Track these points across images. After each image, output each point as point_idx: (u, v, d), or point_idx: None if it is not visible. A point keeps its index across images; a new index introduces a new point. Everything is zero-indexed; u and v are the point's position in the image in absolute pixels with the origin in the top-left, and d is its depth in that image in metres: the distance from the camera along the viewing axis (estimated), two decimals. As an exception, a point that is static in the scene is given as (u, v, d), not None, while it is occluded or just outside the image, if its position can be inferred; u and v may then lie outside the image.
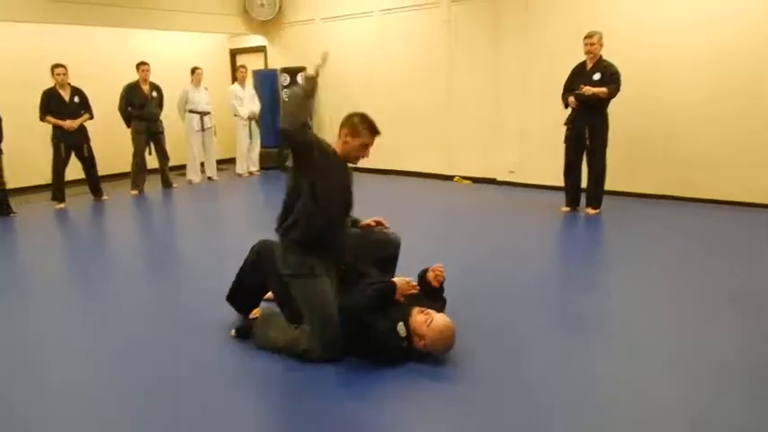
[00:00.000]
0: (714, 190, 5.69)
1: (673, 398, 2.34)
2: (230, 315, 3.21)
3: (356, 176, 3.15)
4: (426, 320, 2.60)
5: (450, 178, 7.59)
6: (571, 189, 5.62)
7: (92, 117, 6.78)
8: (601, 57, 5.27)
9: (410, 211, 5.86)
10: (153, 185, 7.67)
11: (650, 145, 5.97)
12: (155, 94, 7.40)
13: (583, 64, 5.37)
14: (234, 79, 8.87)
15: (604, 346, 2.88)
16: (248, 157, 8.66)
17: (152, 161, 7.61)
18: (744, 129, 5.47)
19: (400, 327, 2.61)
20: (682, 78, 5.71)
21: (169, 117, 7.78)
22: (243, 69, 8.43)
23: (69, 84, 6.62)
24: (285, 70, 8.68)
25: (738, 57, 5.40)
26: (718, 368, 2.56)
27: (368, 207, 3.60)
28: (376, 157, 4.00)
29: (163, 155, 7.61)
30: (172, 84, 7.91)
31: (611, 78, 5.14)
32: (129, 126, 7.35)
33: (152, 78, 7.41)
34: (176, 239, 5.65)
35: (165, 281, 4.15)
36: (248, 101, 8.42)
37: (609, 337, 2.96)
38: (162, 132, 7.51)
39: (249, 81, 8.76)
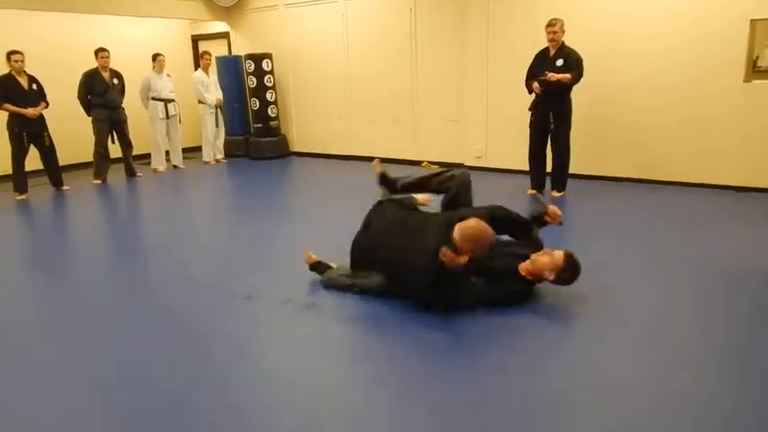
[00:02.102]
0: (672, 172, 5.93)
1: (644, 374, 2.49)
2: (197, 303, 3.22)
3: (324, 163, 3.19)
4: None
5: (418, 163, 7.67)
6: (536, 173, 5.77)
7: (47, 105, 6.59)
8: (563, 43, 5.40)
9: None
10: (116, 175, 7.52)
11: (611, 129, 6.17)
12: (116, 81, 7.23)
13: (546, 50, 5.49)
14: (197, 66, 8.72)
15: (585, 323, 3.02)
16: (214, 144, 8.56)
17: (115, 150, 7.45)
18: (699, 114, 5.70)
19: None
20: (639, 65, 5.89)
21: (131, 105, 7.62)
22: (207, 56, 8.30)
23: (25, 71, 6.41)
24: (250, 57, 8.58)
25: (693, 46, 5.60)
26: (695, 339, 2.73)
27: (337, 193, 3.64)
28: (346, 144, 4.06)
29: (126, 143, 7.46)
30: (133, 71, 7.74)
31: (574, 64, 5.28)
32: (89, 114, 7.17)
33: (111, 65, 7.23)
34: (141, 229, 5.57)
35: (131, 271, 4.11)
36: (213, 88, 8.31)
37: (591, 316, 3.10)
38: (124, 120, 7.35)
39: (213, 68, 8.63)
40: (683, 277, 3.51)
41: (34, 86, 6.46)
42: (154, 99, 7.77)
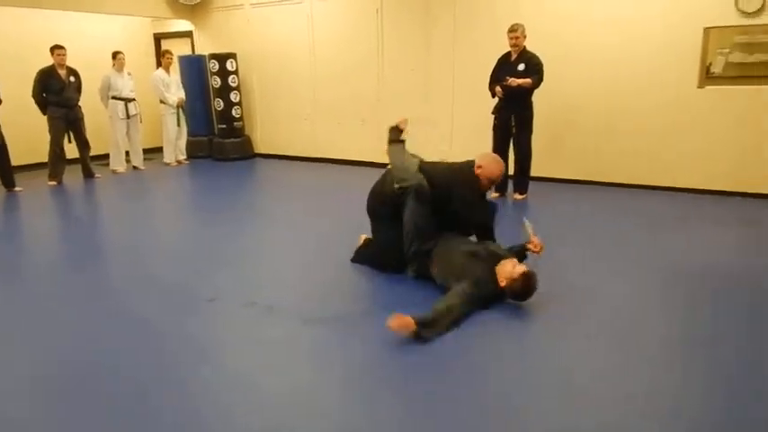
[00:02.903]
0: (629, 175, 6.10)
1: (613, 368, 2.55)
2: (150, 311, 3.16)
3: (289, 165, 3.17)
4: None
5: (384, 166, 7.68)
6: (499, 176, 5.84)
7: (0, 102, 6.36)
8: (524, 48, 5.50)
9: (341, 199, 5.91)
10: (73, 176, 7.29)
11: (572, 133, 6.31)
12: (72, 79, 7.02)
13: (507, 55, 5.58)
14: (159, 65, 8.54)
15: (547, 320, 3.08)
16: (176, 145, 8.40)
17: (72, 150, 7.23)
18: (655, 119, 5.88)
19: None
20: (598, 72, 6.04)
21: (90, 104, 7.42)
22: (169, 55, 8.13)
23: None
24: (214, 56, 8.46)
25: (650, 53, 5.78)
26: (655, 337, 2.81)
27: (301, 195, 3.64)
28: (312, 145, 4.06)
29: (83, 143, 7.25)
30: (92, 68, 7.55)
31: (535, 69, 5.38)
32: (44, 113, 6.94)
33: (69, 62, 7.03)
34: (99, 232, 5.41)
35: (89, 275, 3.99)
36: (175, 87, 8.16)
37: (553, 315, 3.15)
38: (81, 119, 7.15)
39: (176, 67, 8.47)
40: (644, 277, 3.62)
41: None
42: (114, 98, 7.58)
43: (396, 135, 3.96)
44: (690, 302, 3.24)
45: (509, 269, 3.08)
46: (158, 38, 9.68)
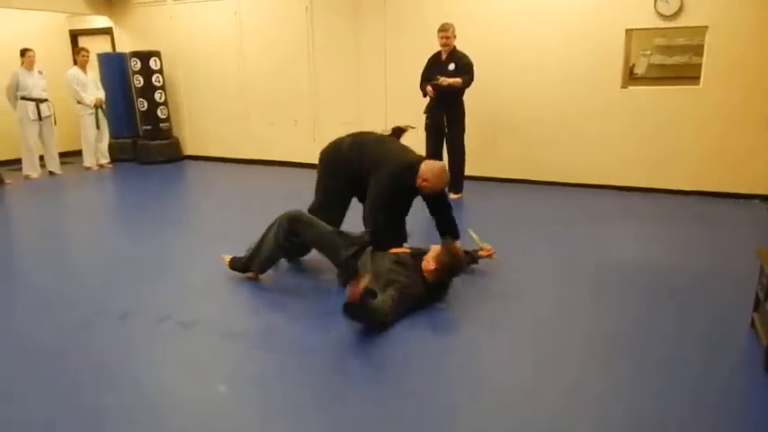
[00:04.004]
0: (556, 173, 6.21)
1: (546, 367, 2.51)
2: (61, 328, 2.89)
3: (220, 167, 2.98)
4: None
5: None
6: (433, 175, 5.80)
7: None
8: (455, 48, 5.47)
9: (270, 205, 5.70)
10: (-21, 183, 6.72)
11: (502, 133, 6.36)
12: (-25, 78, 6.47)
13: (438, 54, 5.54)
14: (75, 63, 8.02)
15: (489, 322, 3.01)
16: (97, 148, 7.91)
17: (-23, 155, 6.68)
18: (580, 120, 6.00)
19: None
20: (525, 71, 6.11)
21: (-4, 104, 6.88)
22: (84, 53, 7.65)
23: None
24: (135, 54, 8.02)
25: (575, 54, 5.89)
26: (581, 333, 2.79)
27: (231, 200, 3.44)
28: (244, 146, 3.88)
29: (-10, 148, 6.70)
30: (-2, 67, 7.00)
31: (465, 69, 5.36)
32: (-56, 115, 6.37)
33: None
34: (4, 244, 4.96)
35: (1, 294, 3.64)
36: (92, 87, 7.67)
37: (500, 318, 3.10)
38: (-13, 122, 6.60)
39: (93, 65, 7.98)
40: (577, 276, 3.64)
41: None
42: (24, 98, 7.04)
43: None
44: (623, 302, 3.27)
45: (430, 255, 3.11)
46: (75, 35, 9.08)
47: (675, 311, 3.07)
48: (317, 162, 3.95)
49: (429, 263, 3.09)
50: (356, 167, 3.64)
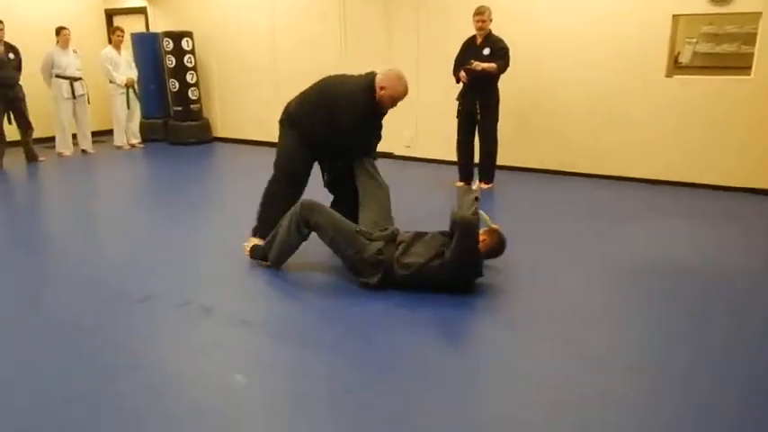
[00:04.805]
0: (595, 165, 5.97)
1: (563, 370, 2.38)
2: (104, 316, 2.87)
3: (250, 150, 2.91)
4: None
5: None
6: (464, 164, 5.64)
7: None
8: (490, 32, 5.27)
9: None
10: (15, 160, 6.83)
11: (538, 121, 6.13)
12: (11, 55, 6.54)
13: (473, 39, 5.35)
14: (110, 42, 8.06)
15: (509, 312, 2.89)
16: (128, 127, 7.96)
17: (13, 132, 6.76)
18: (622, 108, 5.74)
19: None
20: (565, 58, 5.86)
21: (32, 83, 6.94)
22: (119, 32, 7.67)
23: None
24: (168, 34, 8.01)
25: (618, 40, 5.62)
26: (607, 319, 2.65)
27: (261, 184, 3.41)
28: (275, 130, 3.83)
29: (25, 124, 6.78)
30: (35, 46, 7.05)
31: (500, 53, 5.16)
32: (-20, 92, 6.46)
33: (9, 38, 6.54)
34: (35, 221, 5.00)
35: (14, 271, 3.65)
36: (125, 66, 7.70)
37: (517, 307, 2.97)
38: (22, 99, 6.67)
39: (127, 45, 8.01)
40: (602, 273, 3.46)
41: None
42: (58, 77, 7.11)
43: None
44: (644, 299, 3.10)
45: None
46: (110, 14, 9.14)
47: (702, 313, 2.89)
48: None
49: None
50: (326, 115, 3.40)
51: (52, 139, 7.45)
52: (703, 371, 2.37)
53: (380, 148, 7.09)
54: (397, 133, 7.08)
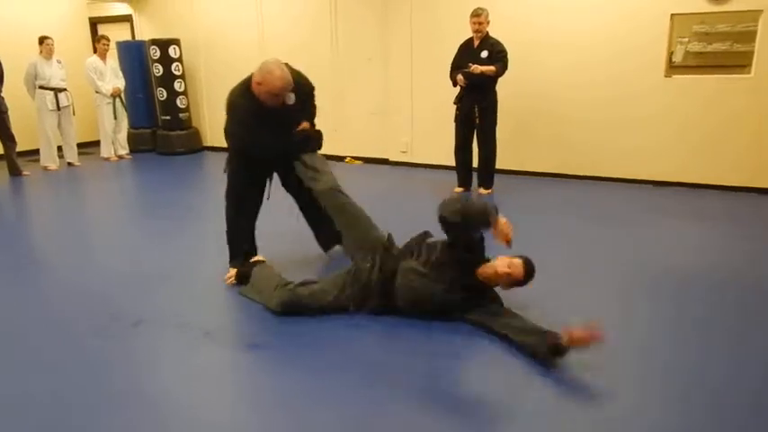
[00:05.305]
0: (596, 167, 5.88)
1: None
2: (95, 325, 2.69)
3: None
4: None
5: (341, 159, 7.28)
6: (463, 169, 5.53)
7: None
8: (488, 34, 5.17)
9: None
10: (-2, 174, 6.63)
11: (537, 123, 6.04)
12: (-8, 67, 6.34)
13: (470, 41, 5.24)
14: (95, 51, 7.86)
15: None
16: (115, 138, 7.76)
17: (-5, 145, 6.57)
18: (622, 109, 5.65)
19: None
20: (563, 60, 5.78)
21: (15, 94, 6.74)
22: (105, 41, 7.47)
23: None
24: (154, 42, 7.83)
25: (617, 40, 5.54)
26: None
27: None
28: None
29: (7, 137, 6.58)
30: (17, 56, 6.85)
31: (499, 56, 5.05)
32: (-39, 105, 6.25)
33: (-11, 49, 6.35)
34: (18, 239, 4.78)
35: (20, 284, 3.47)
36: (111, 76, 7.50)
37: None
38: (5, 111, 6.47)
39: (113, 54, 7.81)
40: (613, 280, 3.35)
41: None
42: (41, 88, 6.90)
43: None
44: (656, 308, 2.98)
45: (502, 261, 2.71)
46: (94, 22, 8.93)
47: (711, 319, 2.77)
48: (339, 154, 3.66)
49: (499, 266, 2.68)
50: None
51: (36, 152, 7.23)
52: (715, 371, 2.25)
53: (375, 154, 7.09)
54: (393, 139, 6.96)
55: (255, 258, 3.37)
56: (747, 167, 5.27)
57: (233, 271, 3.32)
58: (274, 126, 3.09)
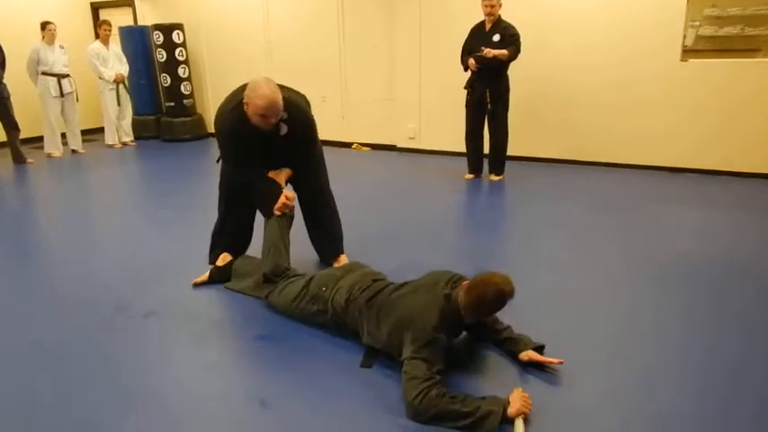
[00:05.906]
0: (609, 154, 5.77)
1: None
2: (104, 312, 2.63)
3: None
4: None
5: (348, 145, 7.19)
6: (473, 155, 5.43)
7: None
8: (500, 17, 5.04)
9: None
10: (1, 162, 6.56)
11: (549, 108, 5.92)
12: (-6, 52, 6.25)
13: (481, 24, 5.11)
14: (97, 37, 7.74)
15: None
16: (119, 125, 7.67)
17: (-1, 132, 6.50)
18: (636, 93, 5.53)
19: None
20: (576, 43, 5.64)
21: (17, 81, 6.65)
22: (107, 26, 7.35)
23: None
24: (157, 27, 7.71)
25: (631, 24, 5.41)
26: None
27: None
28: None
29: (10, 125, 6.50)
30: (19, 42, 6.75)
31: (511, 40, 4.93)
32: (-37, 91, 6.17)
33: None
34: (24, 228, 4.69)
35: (18, 285, 3.41)
36: (114, 61, 7.39)
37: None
38: (7, 98, 6.39)
39: (115, 39, 7.70)
40: (623, 267, 3.27)
41: None
42: (44, 74, 6.80)
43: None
44: (665, 296, 2.90)
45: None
46: (96, 7, 8.80)
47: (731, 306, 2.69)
48: (346, 141, 3.56)
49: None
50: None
51: (40, 139, 7.15)
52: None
53: (383, 140, 6.99)
54: (400, 125, 6.86)
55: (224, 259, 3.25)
56: (760, 153, 5.16)
57: (205, 275, 3.17)
58: (255, 152, 2.85)
